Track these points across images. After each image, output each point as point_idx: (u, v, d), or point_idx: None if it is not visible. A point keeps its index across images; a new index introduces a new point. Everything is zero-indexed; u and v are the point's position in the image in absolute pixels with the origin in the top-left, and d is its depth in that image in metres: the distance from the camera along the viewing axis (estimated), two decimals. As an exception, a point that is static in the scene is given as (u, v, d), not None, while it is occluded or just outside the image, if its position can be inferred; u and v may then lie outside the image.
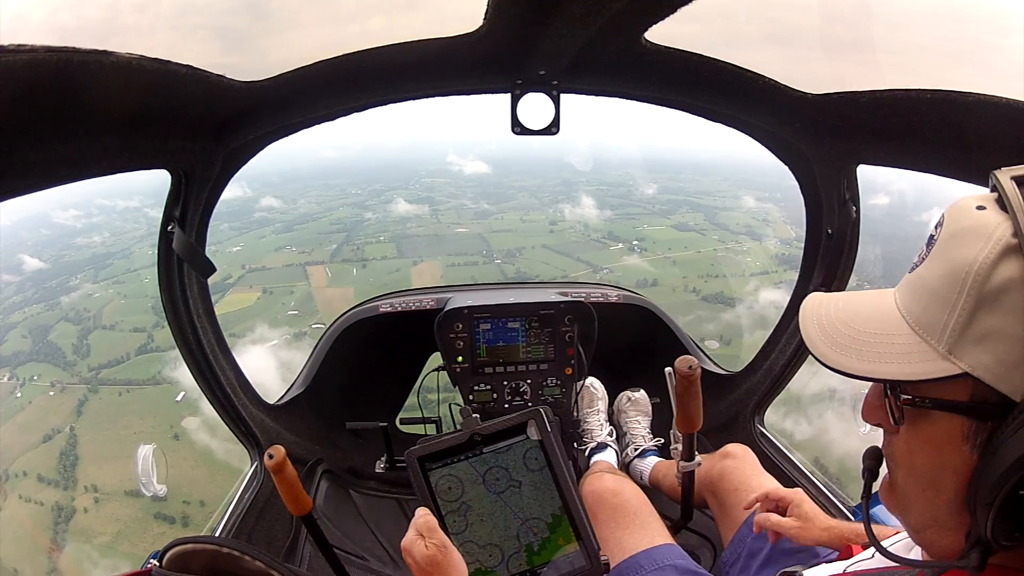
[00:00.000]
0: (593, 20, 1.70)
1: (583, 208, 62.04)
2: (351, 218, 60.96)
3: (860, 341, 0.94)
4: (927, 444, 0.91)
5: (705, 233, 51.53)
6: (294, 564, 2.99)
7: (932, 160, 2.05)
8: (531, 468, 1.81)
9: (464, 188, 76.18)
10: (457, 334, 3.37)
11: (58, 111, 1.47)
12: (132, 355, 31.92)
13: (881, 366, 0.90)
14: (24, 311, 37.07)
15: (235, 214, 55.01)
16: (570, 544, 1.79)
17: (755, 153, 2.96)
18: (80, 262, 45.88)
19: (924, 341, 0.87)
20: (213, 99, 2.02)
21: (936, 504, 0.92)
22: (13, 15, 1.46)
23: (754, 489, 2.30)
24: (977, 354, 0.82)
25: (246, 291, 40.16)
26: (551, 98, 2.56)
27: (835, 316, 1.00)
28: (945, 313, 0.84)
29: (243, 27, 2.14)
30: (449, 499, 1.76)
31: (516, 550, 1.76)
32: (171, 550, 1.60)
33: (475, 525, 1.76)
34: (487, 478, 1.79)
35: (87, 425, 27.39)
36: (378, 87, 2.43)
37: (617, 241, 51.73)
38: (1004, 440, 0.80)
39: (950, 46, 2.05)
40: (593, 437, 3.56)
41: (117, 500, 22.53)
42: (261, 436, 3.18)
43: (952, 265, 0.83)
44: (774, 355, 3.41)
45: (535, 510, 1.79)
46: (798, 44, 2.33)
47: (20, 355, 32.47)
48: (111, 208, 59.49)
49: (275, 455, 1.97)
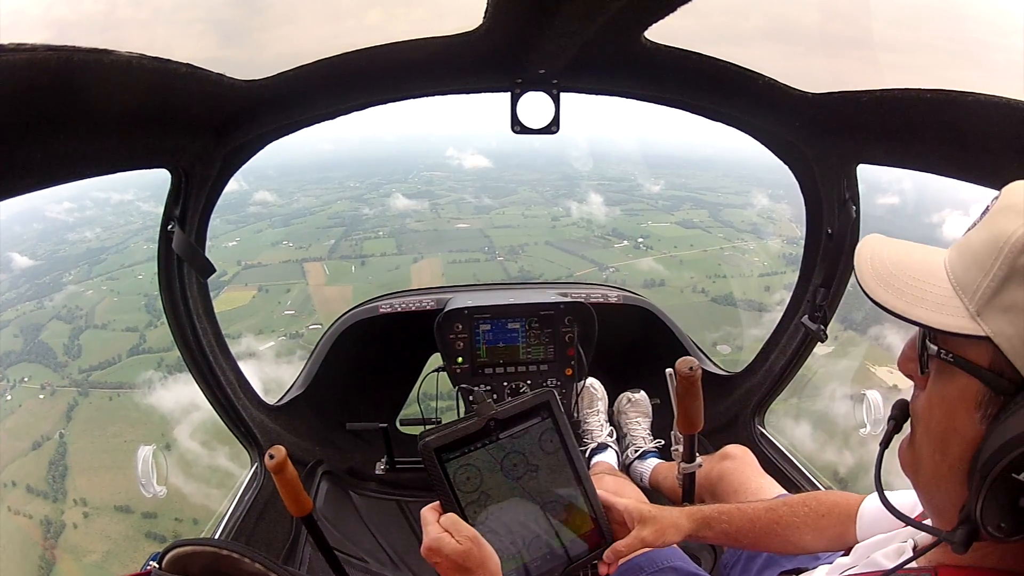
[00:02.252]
0: (593, 19, 1.70)
1: (586, 205, 61.35)
2: (349, 212, 60.42)
3: (903, 282, 0.98)
4: (944, 402, 0.94)
5: (710, 231, 50.60)
6: (294, 566, 2.99)
7: (932, 160, 2.06)
8: (547, 451, 1.78)
9: (464, 182, 75.80)
10: (457, 335, 3.38)
11: (57, 110, 1.46)
12: (124, 356, 31.46)
13: (916, 309, 0.94)
14: (17, 308, 36.60)
15: (230, 207, 54.37)
16: (586, 524, 1.78)
17: (757, 149, 2.93)
18: (74, 256, 45.36)
19: (958, 297, 0.90)
20: (213, 98, 2.01)
21: (941, 469, 0.95)
22: (10, 9, 1.45)
23: (754, 490, 2.37)
24: (1001, 323, 0.84)
25: (241, 289, 39.67)
26: (551, 97, 2.56)
27: (887, 256, 1.05)
28: (980, 276, 0.87)
29: (240, 21, 2.17)
30: (468, 490, 1.69)
31: (536, 535, 1.73)
32: (170, 552, 1.59)
33: (496, 514, 1.72)
34: (505, 465, 1.74)
35: (77, 432, 26.85)
36: (378, 86, 2.42)
37: (622, 239, 50.80)
38: (1008, 417, 0.83)
39: (950, 46, 2.08)
40: (593, 438, 3.55)
41: (107, 515, 21.97)
42: (261, 437, 3.19)
43: (994, 234, 0.86)
44: (774, 356, 3.42)
45: (552, 493, 1.77)
46: (798, 43, 2.33)
47: (11, 355, 32.01)
48: (105, 201, 58.65)
49: (276, 455, 1.98)
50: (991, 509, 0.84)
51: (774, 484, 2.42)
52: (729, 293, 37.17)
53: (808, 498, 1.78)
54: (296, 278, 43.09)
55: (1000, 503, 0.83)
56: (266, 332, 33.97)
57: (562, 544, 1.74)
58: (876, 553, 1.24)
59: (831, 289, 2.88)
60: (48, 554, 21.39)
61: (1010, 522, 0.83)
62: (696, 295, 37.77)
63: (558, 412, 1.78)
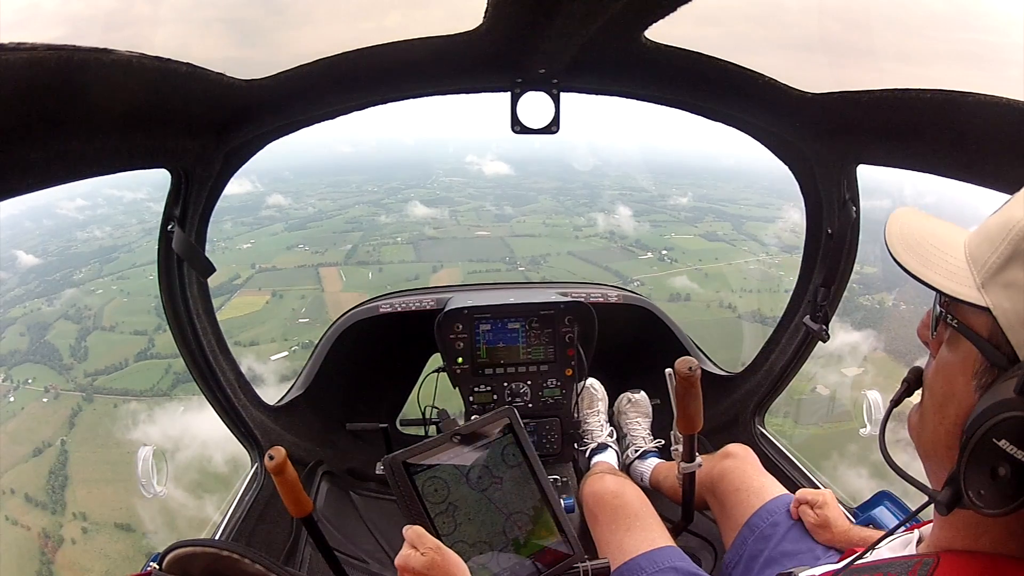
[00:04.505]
0: (593, 19, 1.70)
1: (609, 215, 60.81)
2: (366, 216, 60.07)
3: (924, 248, 1.06)
4: (947, 367, 1.02)
5: (735, 243, 50.00)
6: (294, 567, 2.99)
7: (932, 160, 2.06)
8: (510, 464, 1.90)
9: (484, 189, 75.47)
10: (457, 335, 3.37)
11: (58, 110, 1.47)
12: (131, 361, 30.84)
13: (930, 272, 1.02)
14: (25, 305, 36.25)
15: (245, 209, 54.09)
16: (552, 534, 1.87)
17: (777, 160, 2.92)
18: (85, 255, 44.96)
19: (969, 268, 0.98)
20: (213, 98, 2.01)
21: (939, 432, 1.02)
22: (25, 3, 1.46)
23: (755, 489, 2.37)
24: (1001, 297, 0.91)
25: (255, 293, 38.86)
26: (551, 97, 2.56)
27: (916, 225, 1.12)
28: (989, 252, 0.95)
29: (256, 20, 2.15)
30: (436, 500, 1.79)
31: (504, 545, 1.82)
32: (171, 553, 1.62)
33: (463, 524, 1.81)
34: (470, 477, 1.85)
35: (79, 440, 26.20)
36: (377, 85, 2.41)
37: (645, 250, 50.28)
38: (997, 387, 0.90)
39: (950, 46, 2.04)
40: (594, 438, 3.55)
41: (107, 533, 21.47)
42: (261, 437, 3.17)
43: (1007, 218, 0.94)
44: (774, 355, 3.43)
45: (517, 504, 1.87)
46: (798, 43, 2.31)
47: (17, 354, 31.57)
48: (118, 199, 58.62)
49: (276, 456, 1.99)
50: (973, 474, 0.89)
51: (775, 483, 2.42)
52: (757, 309, 35.96)
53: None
54: (311, 283, 42.28)
55: (981, 469, 0.88)
56: (279, 341, 32.99)
57: (531, 554, 1.83)
58: (882, 545, 1.27)
59: (832, 289, 2.86)
60: (45, 570, 20.90)
61: (989, 492, 0.88)
62: (723, 310, 36.97)
63: (519, 428, 1.94)
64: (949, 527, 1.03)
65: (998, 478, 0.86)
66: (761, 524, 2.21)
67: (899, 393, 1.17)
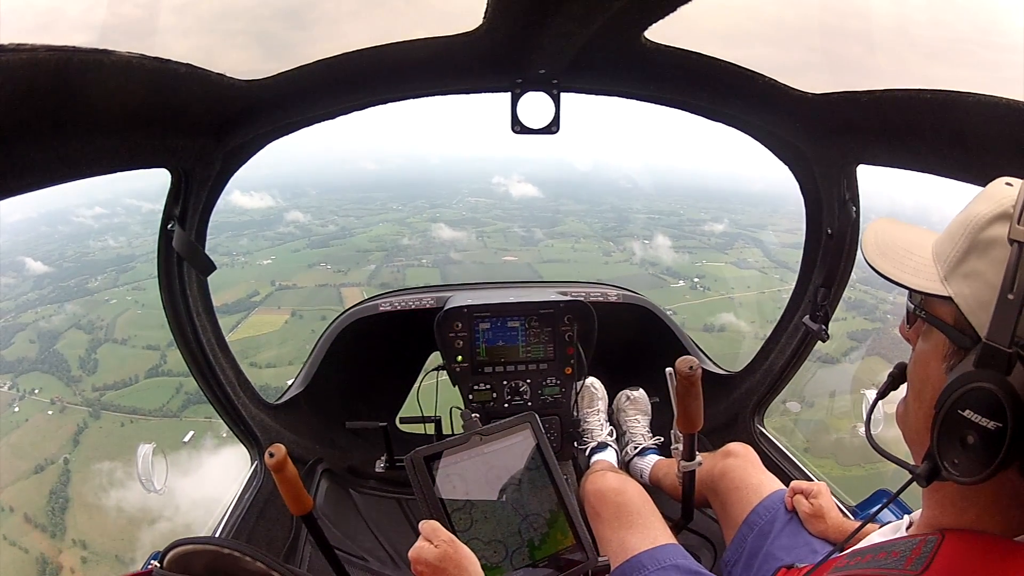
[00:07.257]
0: (593, 19, 1.70)
1: (639, 240, 59.20)
2: (390, 235, 59.20)
3: (896, 252, 1.15)
4: (922, 355, 1.10)
5: (766, 271, 48.03)
6: (294, 565, 2.98)
7: (932, 160, 2.04)
8: (529, 467, 1.91)
9: (511, 211, 74.44)
10: (457, 333, 3.36)
11: (58, 110, 1.46)
12: (141, 377, 29.83)
13: (900, 272, 1.11)
14: (36, 311, 35.62)
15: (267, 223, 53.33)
16: (567, 539, 1.87)
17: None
18: (103, 262, 44.22)
19: (934, 264, 1.06)
20: (213, 98, 2.01)
21: (919, 415, 1.09)
22: (48, 7, 1.47)
23: (755, 487, 2.37)
24: (961, 286, 1.00)
25: (274, 312, 37.29)
26: (551, 97, 2.55)
27: (890, 233, 1.21)
28: (950, 247, 1.03)
29: (258, 21, 2.13)
30: (454, 497, 1.81)
31: (518, 546, 1.82)
32: (172, 551, 1.61)
33: (479, 522, 1.82)
34: (489, 476, 1.86)
35: (83, 459, 25.07)
36: (377, 86, 2.40)
37: (677, 278, 48.55)
38: (959, 365, 0.97)
39: (950, 46, 2.07)
40: (593, 437, 3.54)
41: (107, 565, 20.46)
42: (261, 435, 3.17)
43: (966, 214, 1.02)
44: (774, 355, 3.43)
45: (534, 506, 1.87)
46: (798, 43, 2.31)
47: (24, 362, 30.85)
48: (136, 209, 58.00)
49: (276, 454, 1.97)
50: (945, 445, 0.95)
51: (774, 480, 2.41)
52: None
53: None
54: (333, 304, 40.08)
55: (952, 439, 0.94)
56: (296, 364, 31.16)
57: (545, 557, 1.83)
58: (874, 534, 1.32)
59: (831, 289, 2.85)
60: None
61: (962, 460, 0.93)
62: (759, 342, 34.98)
63: (539, 432, 1.96)
64: (935, 505, 1.09)
65: (967, 446, 0.92)
66: (760, 521, 2.21)
67: (884, 386, 1.25)
